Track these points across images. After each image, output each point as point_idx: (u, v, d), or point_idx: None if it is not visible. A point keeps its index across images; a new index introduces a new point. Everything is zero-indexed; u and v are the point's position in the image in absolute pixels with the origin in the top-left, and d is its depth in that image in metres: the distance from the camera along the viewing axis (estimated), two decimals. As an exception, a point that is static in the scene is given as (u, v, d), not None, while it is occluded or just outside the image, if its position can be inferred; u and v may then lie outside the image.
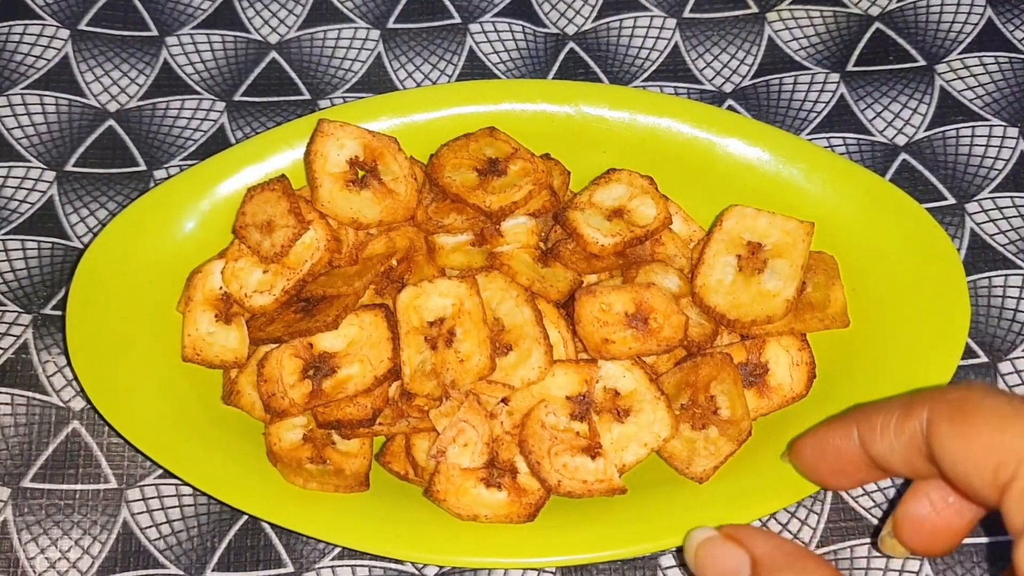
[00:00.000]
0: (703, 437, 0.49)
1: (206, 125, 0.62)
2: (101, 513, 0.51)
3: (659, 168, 0.55)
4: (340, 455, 0.50)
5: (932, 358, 0.51)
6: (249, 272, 0.52)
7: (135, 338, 0.52)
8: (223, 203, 0.55)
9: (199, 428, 0.50)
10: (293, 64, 0.64)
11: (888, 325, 0.52)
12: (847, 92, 0.63)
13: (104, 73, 0.63)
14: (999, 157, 0.61)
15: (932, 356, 0.51)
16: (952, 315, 0.52)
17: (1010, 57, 0.64)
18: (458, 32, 0.65)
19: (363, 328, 0.50)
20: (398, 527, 0.48)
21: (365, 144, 0.54)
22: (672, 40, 0.64)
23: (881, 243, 0.54)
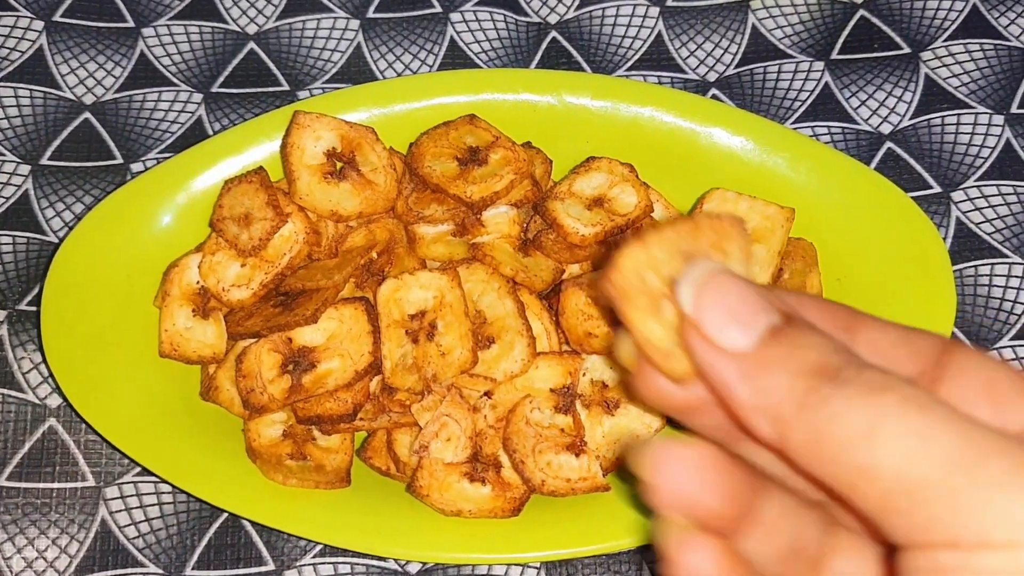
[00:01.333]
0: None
1: (183, 117, 0.61)
2: (79, 512, 0.51)
3: (642, 157, 0.54)
4: (321, 451, 0.49)
5: (918, 348, 0.50)
6: (227, 266, 0.51)
7: (111, 334, 0.51)
8: (200, 196, 0.54)
9: (177, 425, 0.50)
10: (271, 55, 0.63)
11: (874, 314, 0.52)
12: (832, 80, 0.62)
13: (80, 65, 0.62)
14: (984, 145, 0.60)
15: (918, 346, 0.50)
16: (938, 304, 0.51)
17: (995, 44, 0.63)
18: (439, 21, 0.64)
19: (343, 322, 0.49)
20: (380, 523, 0.47)
21: (342, 135, 0.53)
22: (655, 29, 0.64)
23: (867, 232, 0.53)
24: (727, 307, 0.28)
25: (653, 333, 0.30)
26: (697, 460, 0.30)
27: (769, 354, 0.28)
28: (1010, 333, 0.55)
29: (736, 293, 0.28)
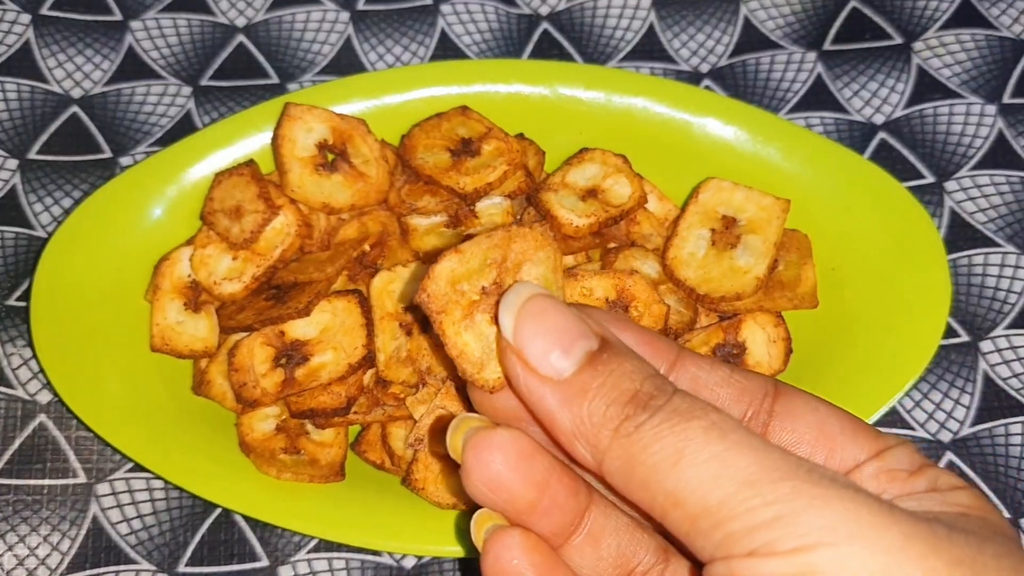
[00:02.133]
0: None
1: (172, 111, 0.60)
2: (70, 508, 0.50)
3: (636, 148, 0.54)
4: (314, 445, 0.49)
5: (913, 337, 0.50)
6: (218, 259, 0.51)
7: (102, 329, 0.51)
8: (190, 189, 0.54)
9: (169, 419, 0.49)
10: (261, 47, 0.62)
11: (869, 305, 0.52)
12: (824, 71, 0.62)
13: (67, 59, 0.62)
14: (977, 135, 0.60)
15: (913, 335, 0.50)
16: (933, 294, 0.51)
17: (986, 34, 0.63)
18: (429, 13, 0.63)
19: (336, 315, 0.49)
20: (375, 517, 0.47)
21: (333, 127, 0.53)
22: (647, 20, 0.64)
23: (861, 222, 0.53)
24: (546, 333, 0.29)
25: (467, 344, 0.30)
26: (510, 446, 0.30)
27: (586, 381, 0.28)
28: (1004, 322, 0.55)
29: (554, 318, 0.29)
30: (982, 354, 0.54)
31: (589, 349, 0.29)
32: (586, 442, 0.28)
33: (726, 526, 0.26)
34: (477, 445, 0.30)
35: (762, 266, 0.51)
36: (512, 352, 0.29)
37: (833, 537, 0.25)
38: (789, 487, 0.26)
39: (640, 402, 0.28)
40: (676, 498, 0.27)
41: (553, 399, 0.29)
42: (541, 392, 0.29)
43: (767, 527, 0.26)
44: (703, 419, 0.27)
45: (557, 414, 0.29)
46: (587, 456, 0.29)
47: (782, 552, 0.25)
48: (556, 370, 0.29)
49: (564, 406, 0.29)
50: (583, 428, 0.28)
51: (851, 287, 0.52)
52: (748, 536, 0.26)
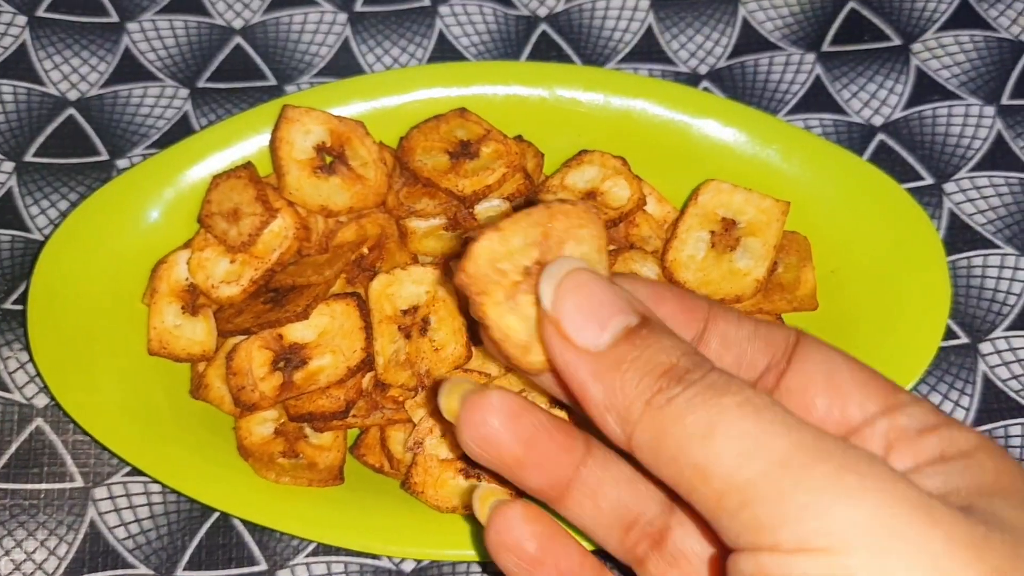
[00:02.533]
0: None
1: (169, 113, 0.60)
2: (67, 513, 0.50)
3: (635, 150, 0.54)
4: (313, 448, 0.49)
5: (913, 339, 0.50)
6: (216, 262, 0.51)
7: (99, 332, 0.51)
8: (188, 192, 0.54)
9: (167, 423, 0.49)
10: (258, 49, 0.62)
11: (869, 307, 0.51)
12: (823, 72, 0.62)
13: (64, 60, 0.62)
14: (976, 136, 0.60)
15: (913, 337, 0.50)
16: (933, 295, 0.51)
17: (984, 35, 0.63)
18: (427, 14, 0.63)
19: (334, 318, 0.49)
20: (374, 521, 0.47)
21: (331, 129, 0.53)
22: (646, 21, 0.63)
23: (861, 223, 0.53)
24: (585, 306, 0.29)
25: (510, 327, 0.30)
26: (500, 405, 0.31)
27: (622, 354, 0.28)
28: (1003, 324, 0.55)
29: (595, 292, 0.29)
30: (982, 356, 0.54)
31: (628, 324, 0.29)
32: (616, 415, 0.28)
33: (754, 507, 0.25)
34: (471, 406, 0.31)
35: (762, 268, 0.50)
36: (550, 323, 0.29)
37: (870, 539, 0.24)
38: (823, 472, 0.25)
39: (675, 375, 0.28)
40: (705, 472, 0.26)
41: (587, 371, 0.29)
42: (576, 364, 0.29)
43: (797, 515, 0.25)
44: (738, 395, 0.27)
45: (590, 386, 0.29)
46: (617, 430, 0.28)
47: (813, 549, 0.24)
48: (593, 343, 0.29)
49: (597, 378, 0.28)
50: (615, 400, 0.28)
51: (851, 289, 0.52)
52: (777, 523, 0.25)
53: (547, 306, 0.29)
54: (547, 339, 0.29)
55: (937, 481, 0.28)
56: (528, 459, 0.31)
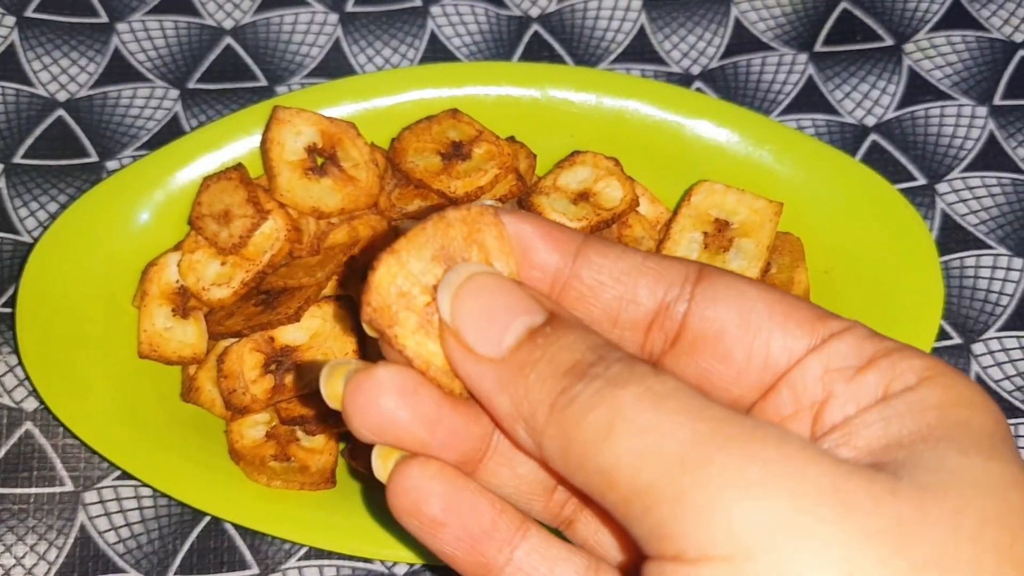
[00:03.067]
0: None
1: (159, 114, 0.60)
2: (57, 517, 0.49)
3: (627, 151, 0.54)
4: (305, 452, 0.48)
5: (906, 340, 0.50)
6: (206, 264, 0.51)
7: (89, 335, 0.50)
8: (178, 193, 0.53)
9: (157, 427, 0.49)
10: (249, 50, 0.62)
11: (862, 307, 0.51)
12: (815, 73, 0.62)
13: (53, 61, 0.61)
14: (968, 137, 0.60)
15: (907, 338, 0.50)
16: (926, 296, 0.51)
17: (976, 36, 0.63)
18: (419, 15, 0.63)
19: (326, 320, 0.48)
20: (367, 524, 0.47)
21: (323, 130, 0.52)
22: (638, 21, 0.63)
23: (854, 224, 0.53)
24: (484, 311, 0.27)
25: (432, 353, 0.27)
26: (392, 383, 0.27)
27: (524, 358, 0.26)
28: (996, 324, 0.55)
29: (494, 294, 0.27)
30: (974, 356, 0.54)
31: (531, 324, 0.26)
32: (525, 424, 0.26)
33: (657, 512, 0.23)
34: (357, 387, 0.27)
35: (755, 269, 0.50)
36: (450, 335, 0.27)
37: (773, 542, 0.22)
38: (722, 465, 0.22)
39: (578, 372, 0.25)
40: (609, 478, 0.24)
41: (492, 381, 0.26)
42: (480, 375, 0.26)
43: (697, 520, 0.22)
44: (637, 385, 0.24)
45: (495, 397, 0.26)
46: (526, 440, 0.26)
47: (715, 558, 0.22)
48: (494, 350, 0.26)
49: (502, 387, 0.26)
50: (521, 409, 0.26)
51: (844, 290, 0.52)
52: (679, 530, 0.23)
53: (445, 316, 0.27)
54: (449, 354, 0.27)
55: (876, 431, 0.25)
56: (435, 440, 0.27)
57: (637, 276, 0.28)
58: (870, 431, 0.25)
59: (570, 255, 0.28)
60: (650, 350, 0.29)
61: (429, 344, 0.27)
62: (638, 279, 0.28)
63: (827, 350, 0.26)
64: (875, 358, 0.26)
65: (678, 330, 0.28)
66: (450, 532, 0.28)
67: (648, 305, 0.28)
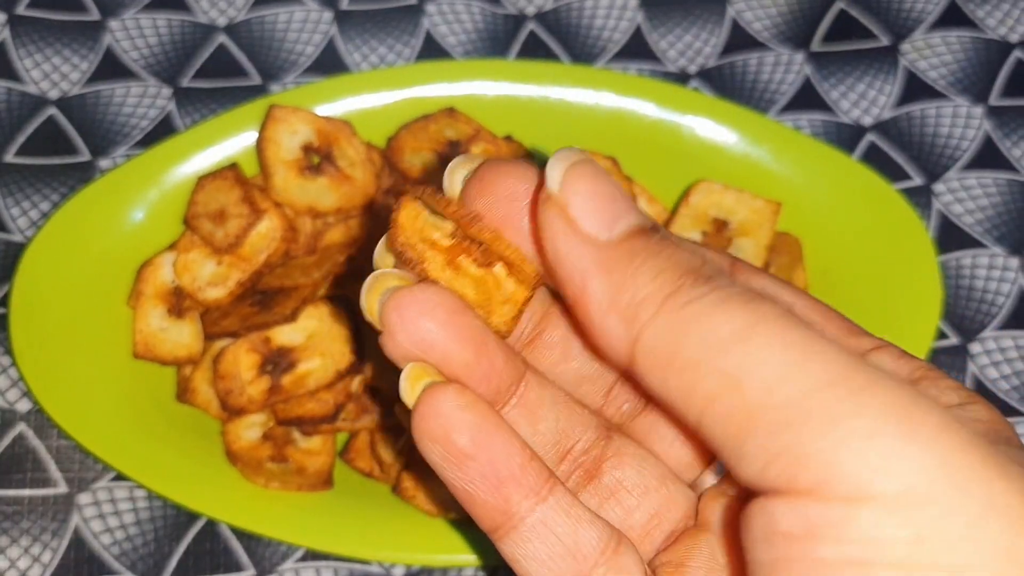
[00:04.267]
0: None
1: (152, 112, 0.59)
2: (51, 519, 0.49)
3: (624, 149, 0.54)
4: (302, 453, 0.48)
5: (905, 340, 0.50)
6: (202, 264, 0.50)
7: (83, 335, 0.50)
8: (172, 192, 0.53)
9: (153, 428, 0.48)
10: (243, 47, 0.61)
11: (860, 308, 0.51)
12: (812, 72, 0.62)
13: (44, 59, 0.61)
14: (964, 137, 0.60)
15: (905, 338, 0.50)
16: (924, 296, 0.51)
17: (972, 36, 0.63)
18: (414, 13, 0.63)
19: (323, 320, 0.48)
20: (364, 526, 0.46)
21: (318, 129, 0.52)
22: (635, 20, 0.63)
23: (852, 224, 0.53)
24: (598, 194, 0.24)
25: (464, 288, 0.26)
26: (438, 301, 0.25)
27: (636, 247, 0.24)
28: (993, 324, 0.55)
29: (607, 185, 0.25)
30: (971, 356, 0.54)
31: (642, 224, 0.24)
32: (621, 314, 0.23)
33: (795, 430, 0.20)
34: (400, 304, 0.25)
35: (753, 269, 0.50)
36: (554, 204, 0.24)
37: (945, 490, 0.20)
38: (884, 399, 0.20)
39: (701, 276, 0.23)
40: (735, 381, 0.21)
41: (591, 261, 0.24)
42: (579, 253, 0.24)
43: (857, 448, 0.20)
44: (777, 306, 0.22)
45: (592, 279, 0.24)
46: (620, 333, 0.23)
47: (882, 497, 0.19)
48: (604, 232, 0.24)
49: (603, 270, 0.24)
50: (622, 296, 0.23)
51: (842, 290, 0.52)
52: (827, 456, 0.20)
53: (553, 187, 0.25)
54: (546, 225, 0.25)
55: None
56: (478, 366, 0.25)
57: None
58: None
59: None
60: None
61: (457, 282, 0.26)
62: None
63: None
64: (916, 378, 0.25)
65: None
66: (476, 467, 0.25)
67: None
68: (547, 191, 0.25)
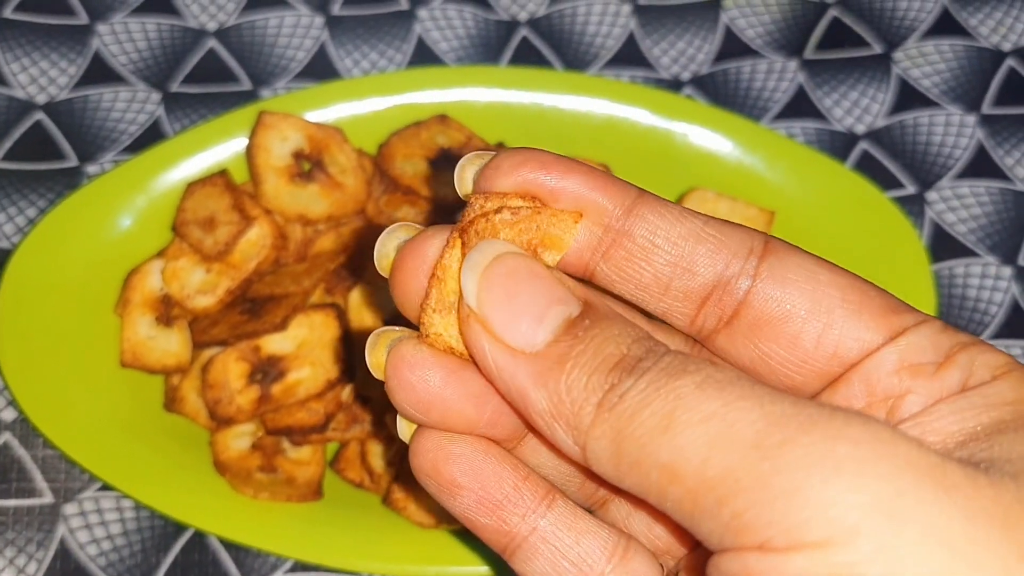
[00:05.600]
0: None
1: (141, 117, 0.59)
2: (37, 530, 0.48)
3: (617, 157, 0.53)
4: (291, 463, 0.48)
5: (899, 350, 0.50)
6: (190, 271, 0.50)
7: (70, 344, 0.49)
8: (161, 199, 0.52)
9: (140, 437, 0.48)
10: (233, 52, 0.61)
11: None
12: (805, 80, 0.62)
13: (32, 63, 0.60)
14: (956, 145, 0.60)
15: (899, 348, 0.50)
16: (917, 305, 0.50)
17: (965, 44, 0.63)
18: (405, 18, 0.62)
19: (313, 329, 0.48)
20: (354, 537, 0.46)
21: (309, 136, 0.51)
22: (628, 27, 0.63)
23: (845, 232, 0.53)
24: (517, 298, 0.24)
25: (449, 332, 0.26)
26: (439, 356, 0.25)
27: (564, 351, 0.24)
28: (986, 333, 0.55)
29: (525, 280, 0.24)
30: (965, 366, 0.54)
31: (568, 316, 0.24)
32: (566, 423, 0.24)
33: (733, 503, 0.21)
34: (399, 359, 0.25)
35: (747, 278, 0.50)
36: (475, 321, 0.24)
37: (874, 524, 0.20)
38: (807, 446, 0.21)
39: (626, 367, 0.23)
40: (672, 472, 0.22)
41: (525, 375, 0.24)
42: (512, 368, 0.24)
43: (784, 506, 0.20)
44: (696, 374, 0.22)
45: (531, 393, 0.24)
46: (568, 442, 0.24)
47: (809, 545, 0.20)
48: (528, 341, 0.24)
49: (538, 383, 0.24)
50: (562, 407, 0.23)
51: (836, 299, 0.52)
52: (762, 519, 0.21)
53: (471, 301, 0.24)
54: (472, 342, 0.25)
55: (949, 424, 0.24)
56: (481, 419, 0.26)
57: (696, 243, 0.26)
58: (943, 423, 0.24)
59: (622, 208, 0.26)
60: (701, 325, 0.27)
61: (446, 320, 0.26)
62: (696, 246, 0.26)
63: (904, 344, 0.25)
64: (952, 353, 0.24)
65: (737, 307, 0.26)
66: (469, 496, 0.26)
67: (706, 276, 0.26)
68: (466, 306, 0.25)
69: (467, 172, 0.27)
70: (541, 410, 0.24)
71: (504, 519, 0.26)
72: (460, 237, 0.25)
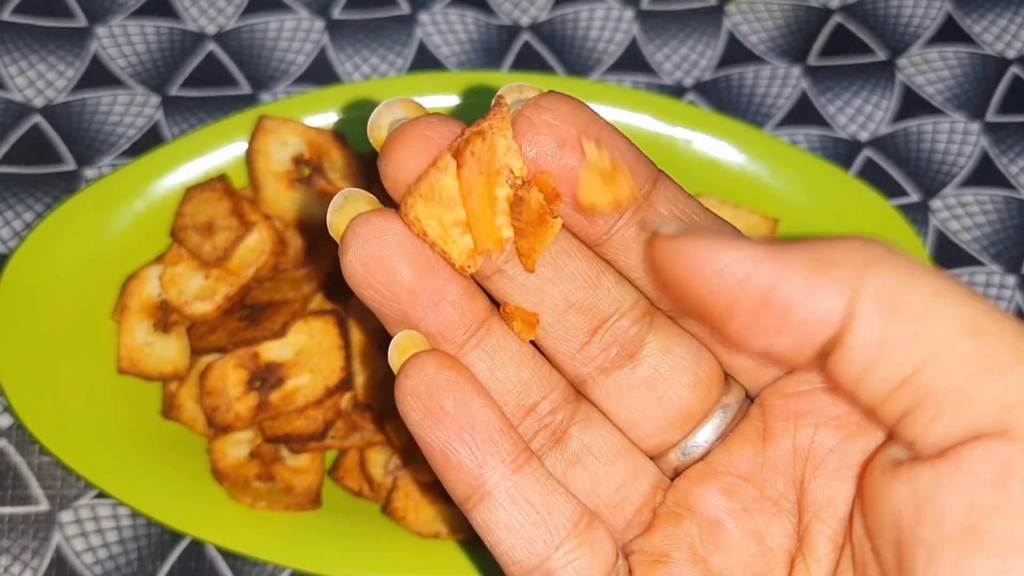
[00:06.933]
0: None
1: (140, 121, 0.58)
2: (32, 538, 0.48)
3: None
4: (290, 471, 0.47)
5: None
6: (189, 277, 0.49)
7: (66, 350, 0.49)
8: (159, 204, 0.52)
9: (137, 445, 0.47)
10: (232, 56, 0.61)
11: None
12: (809, 87, 0.61)
13: (30, 66, 0.59)
14: (960, 153, 0.60)
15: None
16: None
17: (969, 52, 0.63)
18: (406, 23, 0.62)
19: (312, 336, 0.47)
20: (353, 547, 0.46)
21: (309, 140, 0.51)
22: (631, 32, 0.62)
23: (850, 241, 0.53)
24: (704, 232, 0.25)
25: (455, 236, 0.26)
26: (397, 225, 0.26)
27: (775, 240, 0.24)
28: (990, 343, 0.55)
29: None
30: (969, 376, 0.54)
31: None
32: (830, 279, 0.23)
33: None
34: (361, 220, 0.26)
35: (750, 287, 0.50)
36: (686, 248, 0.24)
37: None
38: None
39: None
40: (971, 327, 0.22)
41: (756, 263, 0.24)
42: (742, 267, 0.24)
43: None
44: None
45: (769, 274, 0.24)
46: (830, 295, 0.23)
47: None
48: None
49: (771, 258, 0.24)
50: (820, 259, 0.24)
51: (839, 308, 0.52)
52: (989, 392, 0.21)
53: (669, 231, 0.25)
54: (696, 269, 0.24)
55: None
56: (423, 289, 0.26)
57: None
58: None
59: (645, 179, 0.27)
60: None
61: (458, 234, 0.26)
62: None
63: None
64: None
65: None
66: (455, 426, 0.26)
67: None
68: (662, 241, 0.25)
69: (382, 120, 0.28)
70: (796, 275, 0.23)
71: (482, 461, 0.26)
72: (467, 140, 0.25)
